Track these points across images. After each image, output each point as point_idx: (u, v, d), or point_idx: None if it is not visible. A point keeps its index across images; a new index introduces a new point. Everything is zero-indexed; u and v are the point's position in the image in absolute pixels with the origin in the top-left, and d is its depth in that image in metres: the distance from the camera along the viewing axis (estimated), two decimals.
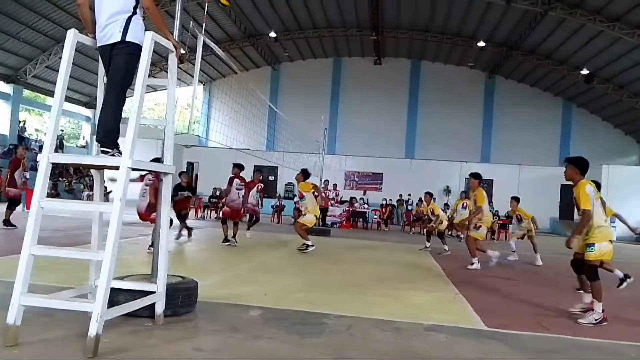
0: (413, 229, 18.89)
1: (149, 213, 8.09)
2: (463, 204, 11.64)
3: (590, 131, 28.21)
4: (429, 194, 12.30)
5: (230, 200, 9.87)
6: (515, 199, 11.03)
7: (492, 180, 24.47)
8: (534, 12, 20.57)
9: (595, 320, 4.70)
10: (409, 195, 22.72)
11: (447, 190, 24.87)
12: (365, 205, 21.31)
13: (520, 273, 8.71)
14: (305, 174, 9.87)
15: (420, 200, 20.52)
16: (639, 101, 24.51)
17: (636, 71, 22.46)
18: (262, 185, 12.69)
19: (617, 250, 5.61)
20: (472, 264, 8.49)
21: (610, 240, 5.03)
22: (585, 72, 24.09)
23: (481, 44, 24.83)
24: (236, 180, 9.94)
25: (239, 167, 10.21)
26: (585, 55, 23.18)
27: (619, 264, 7.08)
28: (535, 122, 28.55)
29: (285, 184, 25.95)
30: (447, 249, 10.99)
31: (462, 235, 12.21)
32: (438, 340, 3.86)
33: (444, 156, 26.19)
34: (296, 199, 20.77)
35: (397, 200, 23.03)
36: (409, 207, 21.68)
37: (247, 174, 11.76)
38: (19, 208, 11.49)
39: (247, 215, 11.66)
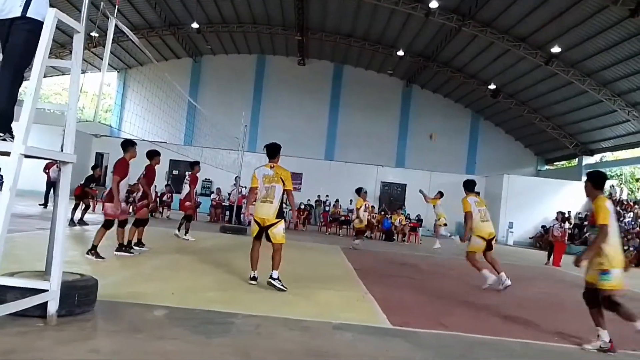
0: (329, 230, 19.17)
1: (182, 201, 10.98)
2: (365, 205, 13.21)
3: (495, 142, 30.36)
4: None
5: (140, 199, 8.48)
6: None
7: (406, 184, 25.56)
8: (450, 26, 21.74)
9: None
10: (327, 196, 23.06)
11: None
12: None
13: (427, 274, 9.16)
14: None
15: (337, 200, 20.97)
16: (538, 117, 26.74)
17: (537, 89, 24.50)
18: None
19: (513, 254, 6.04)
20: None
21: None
22: (492, 87, 25.87)
23: (400, 53, 25.80)
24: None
25: (158, 154, 8.30)
26: (493, 71, 24.89)
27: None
28: (447, 130, 30.17)
29: (203, 180, 25.29)
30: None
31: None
32: (344, 338, 3.95)
33: (361, 159, 26.87)
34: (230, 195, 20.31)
35: (316, 201, 23.31)
36: (327, 208, 22.01)
37: (162, 169, 11.16)
38: None
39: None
